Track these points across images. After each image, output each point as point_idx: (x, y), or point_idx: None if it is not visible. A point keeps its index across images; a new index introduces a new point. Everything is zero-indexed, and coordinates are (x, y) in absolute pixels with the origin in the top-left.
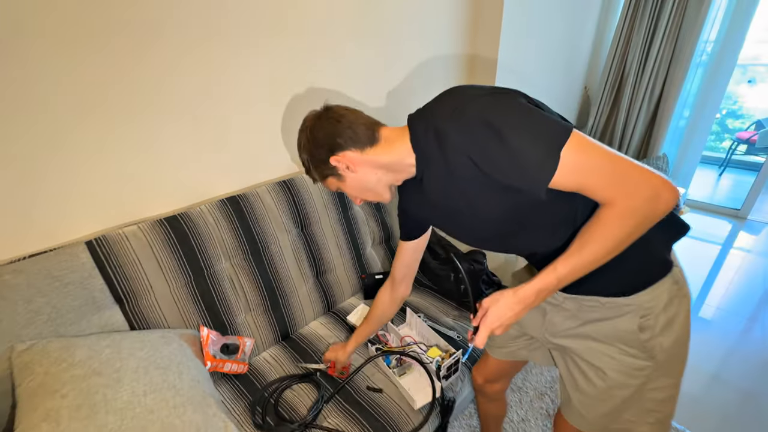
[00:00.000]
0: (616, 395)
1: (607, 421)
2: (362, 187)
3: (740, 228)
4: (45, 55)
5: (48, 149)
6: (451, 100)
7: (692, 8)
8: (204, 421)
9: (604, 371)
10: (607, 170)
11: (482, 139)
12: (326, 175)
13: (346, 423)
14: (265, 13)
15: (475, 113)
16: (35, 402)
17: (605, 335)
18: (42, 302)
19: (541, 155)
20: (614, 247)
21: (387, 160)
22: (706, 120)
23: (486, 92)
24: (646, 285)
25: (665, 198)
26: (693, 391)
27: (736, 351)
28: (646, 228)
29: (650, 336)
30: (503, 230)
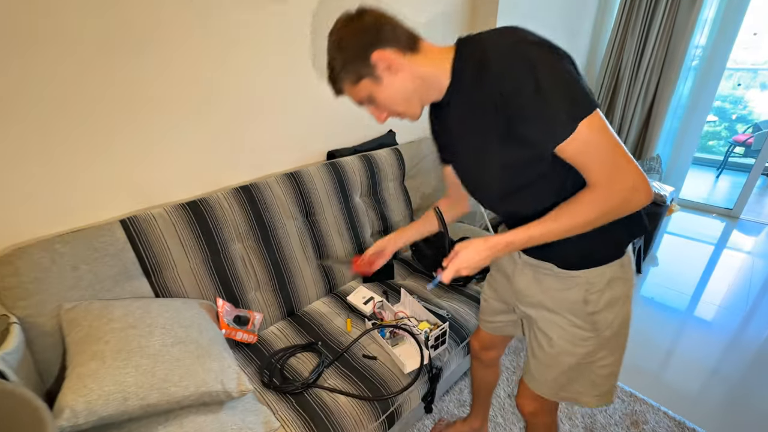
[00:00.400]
0: (562, 361)
1: (557, 387)
2: (398, 95)
3: (733, 227)
4: (90, 58)
5: (91, 143)
6: (508, 35)
7: (683, 14)
8: (220, 370)
9: (552, 339)
10: (607, 156)
11: (520, 79)
12: (361, 77)
13: (343, 384)
14: (278, 28)
15: (525, 55)
16: (83, 347)
17: (557, 305)
18: (85, 269)
19: (562, 118)
20: (583, 225)
21: (425, 72)
22: (698, 122)
23: (541, 43)
24: (596, 264)
25: (639, 197)
26: (694, 386)
27: (734, 346)
28: (615, 217)
29: (594, 310)
30: (502, 184)
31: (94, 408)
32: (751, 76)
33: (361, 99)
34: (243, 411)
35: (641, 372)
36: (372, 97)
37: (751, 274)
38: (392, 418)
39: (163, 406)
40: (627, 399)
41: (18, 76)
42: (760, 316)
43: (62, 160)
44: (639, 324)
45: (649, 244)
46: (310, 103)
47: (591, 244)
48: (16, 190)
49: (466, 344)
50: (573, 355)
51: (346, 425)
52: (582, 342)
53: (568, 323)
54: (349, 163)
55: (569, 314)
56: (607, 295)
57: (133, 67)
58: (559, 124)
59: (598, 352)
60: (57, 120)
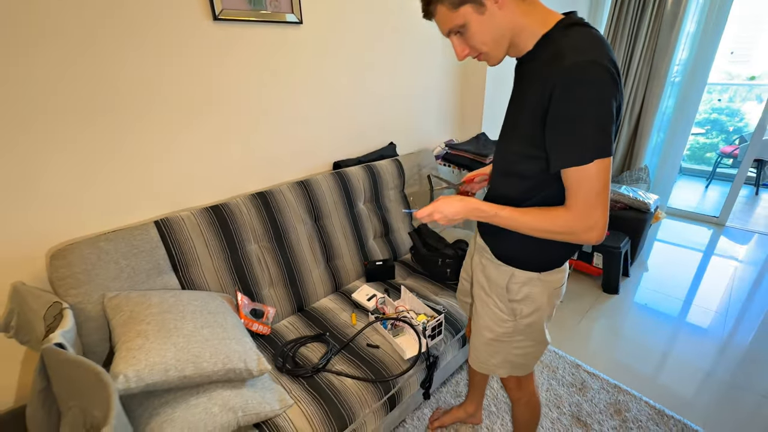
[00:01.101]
0: (483, 335)
1: (480, 357)
2: (493, 32)
3: (719, 234)
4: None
5: (130, 156)
6: (592, 50)
7: (665, 32)
8: (243, 351)
9: (480, 314)
10: (593, 195)
11: (570, 98)
12: (465, 1)
13: (350, 369)
14: (292, 49)
15: (588, 80)
16: (128, 327)
17: (489, 287)
18: (125, 264)
19: (582, 150)
20: (540, 231)
21: (523, 23)
22: (682, 134)
23: (610, 73)
24: (519, 267)
25: (591, 235)
26: (675, 379)
27: (716, 345)
28: (563, 239)
29: (513, 298)
30: (507, 161)
31: (142, 375)
32: (747, 89)
33: (452, 27)
34: (262, 389)
35: (626, 367)
36: (466, 26)
37: (734, 280)
38: (393, 401)
39: (196, 379)
40: (611, 390)
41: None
42: (742, 317)
43: (105, 170)
44: (628, 325)
45: (636, 249)
46: (319, 118)
47: (527, 254)
48: (68, 195)
49: (461, 337)
50: (492, 331)
51: (353, 403)
52: (501, 323)
53: (493, 305)
54: (354, 172)
55: (496, 298)
56: (525, 290)
57: (169, 94)
58: (577, 153)
59: (514, 335)
60: (103, 141)
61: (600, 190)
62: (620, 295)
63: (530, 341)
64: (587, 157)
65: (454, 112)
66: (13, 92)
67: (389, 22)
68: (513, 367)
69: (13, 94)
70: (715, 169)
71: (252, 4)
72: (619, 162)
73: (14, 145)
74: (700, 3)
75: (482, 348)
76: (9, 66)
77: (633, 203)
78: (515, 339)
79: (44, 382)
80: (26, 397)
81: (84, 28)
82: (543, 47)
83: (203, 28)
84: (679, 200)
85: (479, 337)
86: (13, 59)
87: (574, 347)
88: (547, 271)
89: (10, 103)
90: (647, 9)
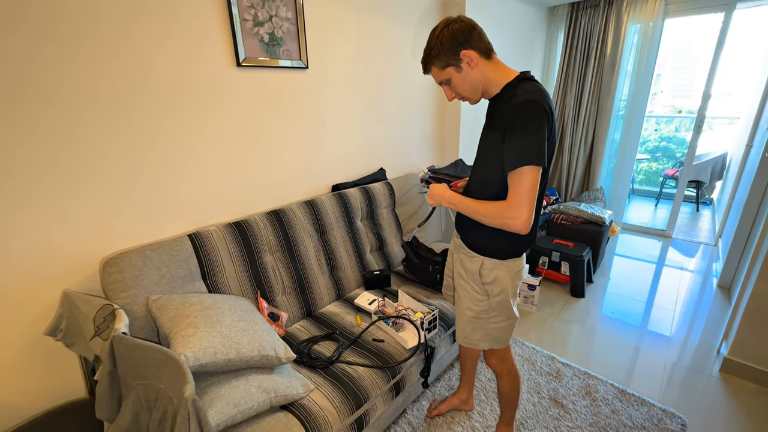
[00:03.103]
0: (466, 314)
1: (465, 333)
2: (470, 84)
3: (668, 245)
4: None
5: (171, 180)
6: (535, 94)
7: (607, 74)
8: (273, 342)
9: (462, 297)
10: (522, 193)
11: (519, 121)
12: (449, 64)
13: (360, 359)
14: (297, 89)
15: (532, 111)
16: (177, 321)
17: (467, 275)
18: (165, 270)
19: (518, 156)
20: (483, 215)
21: (490, 76)
22: (629, 160)
23: (545, 108)
24: (487, 255)
25: (515, 223)
26: (648, 371)
27: (676, 339)
28: (497, 224)
29: (485, 281)
30: (482, 157)
31: (198, 356)
32: (690, 121)
33: (441, 80)
34: (287, 376)
35: (594, 356)
36: (450, 80)
37: (680, 282)
38: (398, 387)
39: (237, 362)
40: (582, 376)
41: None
42: (689, 314)
43: (146, 191)
44: (595, 323)
45: (597, 258)
46: (321, 147)
47: (491, 244)
48: (118, 213)
49: (452, 332)
50: (472, 310)
51: (366, 386)
52: (478, 302)
53: (471, 288)
54: (352, 193)
55: (472, 282)
56: (494, 274)
57: (201, 131)
58: (515, 158)
59: (490, 312)
60: (144, 167)
61: (529, 188)
62: (586, 298)
63: (503, 316)
64: (520, 163)
65: (434, 141)
66: (78, 143)
67: (379, 67)
68: (492, 341)
69: (81, 146)
70: (662, 189)
71: (269, 54)
72: (579, 183)
73: (69, 180)
74: (634, 47)
75: (466, 326)
76: (71, 121)
77: (591, 218)
78: (491, 315)
79: (112, 365)
80: (78, 394)
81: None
82: (506, 92)
83: (230, 73)
84: (635, 217)
85: (463, 317)
86: (76, 115)
87: (549, 343)
88: (509, 259)
89: (82, 150)
90: (591, 56)
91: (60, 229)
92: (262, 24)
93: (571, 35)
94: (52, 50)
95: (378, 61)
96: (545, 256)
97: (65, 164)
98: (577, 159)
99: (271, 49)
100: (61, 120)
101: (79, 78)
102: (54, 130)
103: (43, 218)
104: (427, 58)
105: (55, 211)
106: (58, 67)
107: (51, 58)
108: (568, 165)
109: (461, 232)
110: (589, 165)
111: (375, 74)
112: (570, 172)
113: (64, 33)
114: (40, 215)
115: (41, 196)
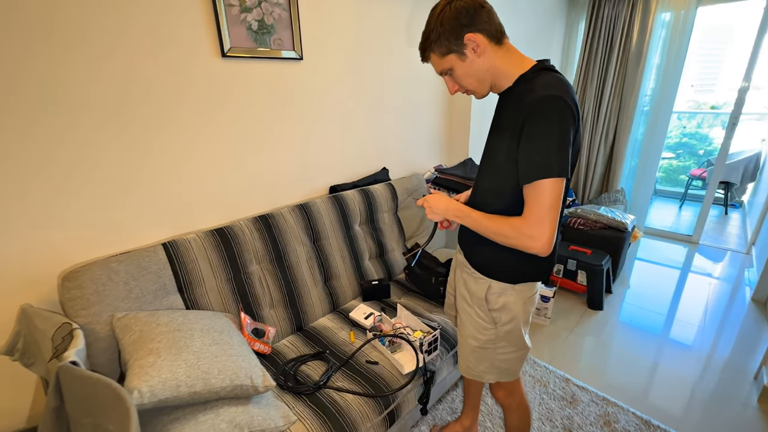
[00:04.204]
0: (469, 343)
1: (469, 364)
2: (475, 73)
3: (694, 252)
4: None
5: (139, 180)
6: (558, 87)
7: (632, 67)
8: (249, 368)
9: (465, 324)
10: (543, 210)
11: (538, 123)
12: (450, 51)
13: (350, 385)
14: (294, 84)
15: (553, 110)
16: (139, 345)
17: (471, 299)
18: (134, 284)
19: (537, 168)
20: (495, 233)
21: (500, 66)
22: (653, 159)
23: (570, 108)
24: (494, 278)
25: (534, 244)
26: (660, 391)
27: (707, 360)
28: (513, 244)
29: (492, 308)
30: (488, 166)
31: (155, 391)
32: (712, 117)
33: (442, 69)
34: (266, 406)
35: (613, 379)
36: (453, 69)
37: (710, 295)
38: (393, 416)
39: (205, 395)
40: (600, 402)
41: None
42: (719, 331)
43: (117, 195)
44: (614, 339)
45: (617, 266)
46: (316, 145)
47: (500, 265)
48: (80, 218)
49: (455, 353)
50: (476, 339)
51: (354, 418)
52: (484, 331)
53: (476, 314)
54: (350, 196)
55: (477, 308)
56: (502, 300)
57: (178, 125)
58: (533, 169)
59: (497, 341)
60: (115, 167)
61: (550, 204)
62: (605, 310)
63: (512, 347)
64: (540, 175)
65: (442, 139)
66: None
67: (381, 57)
68: (500, 373)
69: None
70: (687, 190)
71: (258, 43)
72: (598, 185)
73: (33, 171)
74: (662, 38)
75: (469, 356)
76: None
77: (611, 223)
78: (498, 345)
79: (58, 400)
80: (38, 418)
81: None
82: (519, 85)
83: (212, 64)
84: (656, 220)
85: (466, 346)
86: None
87: (563, 362)
88: (520, 283)
89: (35, 136)
90: (614, 47)
91: (15, 238)
92: (249, 10)
93: (593, 24)
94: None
95: (380, 50)
96: (560, 264)
97: (21, 167)
98: (596, 158)
99: (261, 38)
100: (10, 121)
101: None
102: (3, 135)
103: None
104: (425, 42)
105: (7, 220)
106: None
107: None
108: (586, 165)
109: (465, 248)
110: (610, 164)
111: (377, 65)
112: (589, 172)
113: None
114: None
115: None
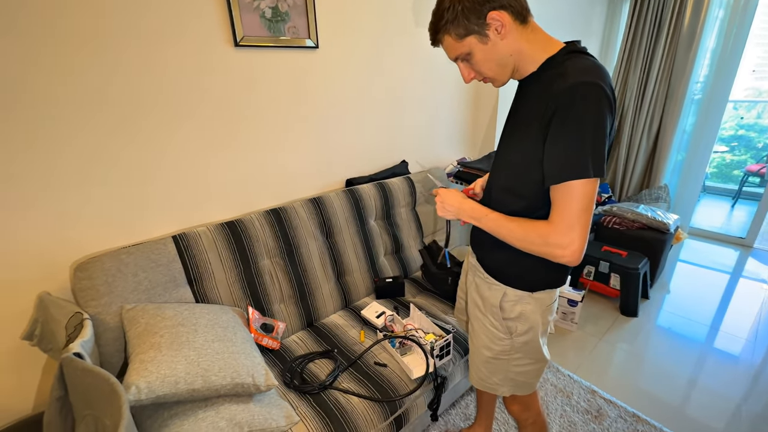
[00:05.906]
0: (482, 353)
1: (481, 375)
2: (497, 58)
3: (747, 256)
4: None
5: (151, 172)
6: (593, 73)
7: (682, 50)
8: (252, 366)
9: (478, 333)
10: (574, 214)
11: (571, 114)
12: (469, 32)
13: (356, 387)
14: (309, 75)
15: (589, 99)
16: (142, 339)
17: (484, 306)
18: (143, 276)
19: (570, 167)
20: (520, 239)
21: (525, 48)
22: (703, 153)
23: (607, 97)
24: (510, 285)
25: (564, 253)
26: (697, 409)
27: (755, 378)
28: (539, 252)
29: (507, 317)
30: (500, 177)
31: (153, 387)
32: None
33: (458, 54)
34: (268, 404)
35: (646, 394)
36: (471, 54)
37: (764, 304)
38: (400, 421)
39: (204, 392)
40: (630, 419)
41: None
42: None
43: (134, 189)
44: (649, 349)
45: (656, 270)
46: (333, 137)
47: (517, 271)
48: (97, 210)
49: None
50: (490, 350)
51: (359, 423)
52: (498, 341)
53: (489, 323)
54: (366, 190)
55: (491, 316)
56: (518, 308)
57: (190, 116)
58: (564, 168)
59: (513, 353)
60: (129, 159)
61: (583, 208)
62: (639, 318)
63: (529, 359)
64: (573, 175)
65: (466, 131)
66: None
67: (401, 46)
68: (515, 386)
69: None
70: (741, 188)
71: (271, 31)
72: (638, 180)
73: (51, 164)
74: (720, 19)
75: (482, 366)
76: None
77: (651, 223)
78: (514, 357)
79: (62, 390)
80: (44, 405)
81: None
82: (546, 70)
83: (224, 54)
84: (704, 220)
85: (478, 356)
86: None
87: (590, 372)
88: (538, 291)
89: (52, 127)
90: (663, 28)
91: (35, 228)
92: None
93: (639, 5)
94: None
95: (402, 36)
96: (591, 266)
97: (39, 163)
98: (637, 151)
99: (275, 26)
100: (27, 116)
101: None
102: (21, 128)
103: (18, 218)
104: (438, 23)
105: (27, 210)
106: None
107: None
108: (626, 158)
109: (477, 251)
110: (652, 158)
111: (397, 52)
112: (628, 167)
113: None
114: (13, 215)
115: (13, 195)
